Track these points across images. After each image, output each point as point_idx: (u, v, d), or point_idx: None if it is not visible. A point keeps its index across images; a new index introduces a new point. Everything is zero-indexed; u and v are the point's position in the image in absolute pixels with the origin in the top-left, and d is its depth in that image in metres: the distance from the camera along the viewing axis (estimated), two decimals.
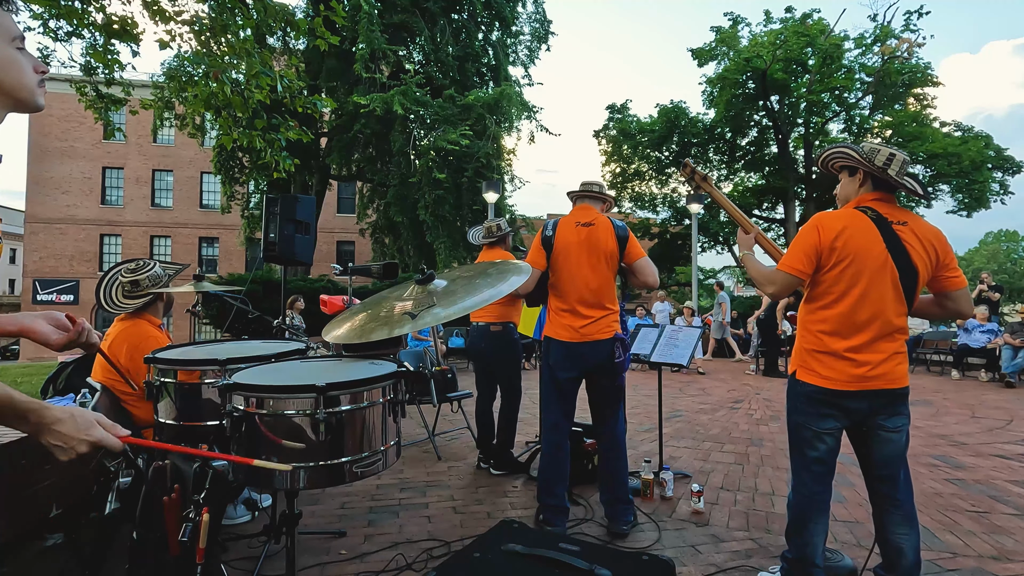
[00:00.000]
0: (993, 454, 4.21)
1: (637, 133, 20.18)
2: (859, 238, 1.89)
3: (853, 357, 1.89)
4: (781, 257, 2.09)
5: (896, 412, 1.92)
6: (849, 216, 1.94)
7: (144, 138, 22.88)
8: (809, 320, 2.01)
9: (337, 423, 1.48)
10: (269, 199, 4.10)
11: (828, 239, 1.92)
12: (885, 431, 1.93)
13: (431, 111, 13.37)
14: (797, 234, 2.03)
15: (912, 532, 1.94)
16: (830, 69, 17.29)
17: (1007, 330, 8.35)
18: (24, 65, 0.90)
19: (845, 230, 1.91)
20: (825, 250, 1.92)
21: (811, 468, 2.01)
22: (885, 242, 1.88)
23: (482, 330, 3.70)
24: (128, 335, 2.35)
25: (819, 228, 1.95)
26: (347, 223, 24.42)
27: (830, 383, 1.92)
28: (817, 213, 2.05)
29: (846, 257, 1.89)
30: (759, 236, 2.37)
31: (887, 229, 1.89)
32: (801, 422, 2.02)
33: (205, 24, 5.43)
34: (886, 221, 1.90)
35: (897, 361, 1.91)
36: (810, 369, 1.98)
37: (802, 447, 2.03)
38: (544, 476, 2.75)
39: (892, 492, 1.96)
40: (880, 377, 1.88)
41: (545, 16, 16.91)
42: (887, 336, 1.90)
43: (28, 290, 23.27)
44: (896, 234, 1.89)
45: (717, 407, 6.20)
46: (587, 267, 2.70)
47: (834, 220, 1.95)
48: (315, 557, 2.44)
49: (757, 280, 2.18)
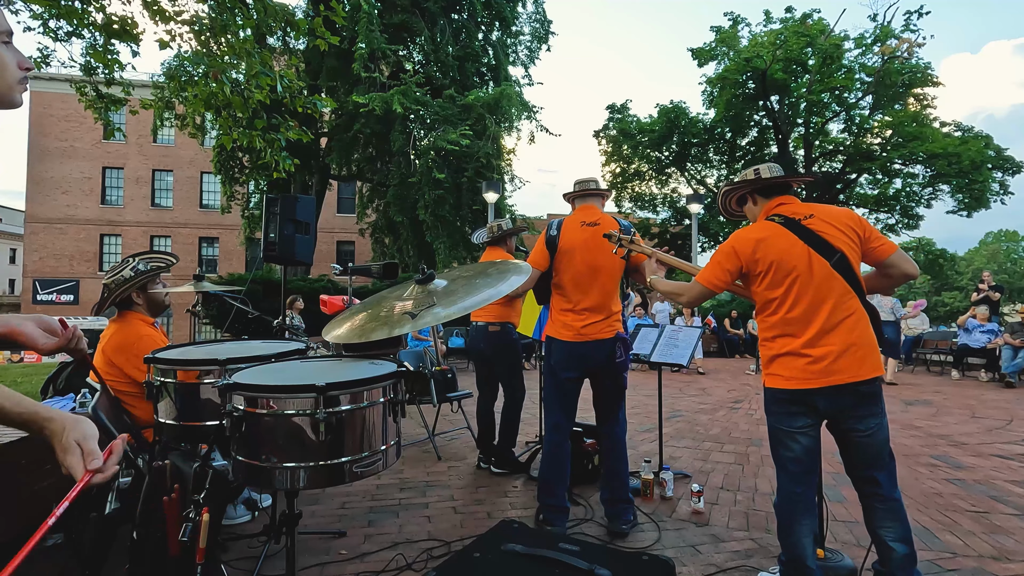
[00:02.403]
0: (993, 454, 4.21)
1: (637, 133, 20.17)
2: (776, 243, 1.98)
3: (808, 352, 1.92)
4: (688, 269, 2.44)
5: (867, 413, 1.91)
6: (761, 228, 2.06)
7: (144, 138, 22.87)
8: (762, 330, 2.09)
9: (337, 423, 1.48)
10: (269, 199, 4.10)
11: (748, 253, 2.03)
12: (858, 434, 1.92)
13: (431, 111, 13.37)
14: (717, 251, 2.15)
15: (898, 525, 1.94)
16: (830, 69, 17.29)
17: (1007, 330, 8.35)
18: (7, 61, 0.89)
19: (761, 241, 2.01)
20: (747, 263, 2.04)
21: (787, 468, 2.02)
22: (801, 239, 1.95)
23: (481, 330, 3.70)
24: (122, 334, 2.35)
25: (736, 245, 2.06)
26: (347, 223, 24.41)
27: (790, 383, 1.95)
28: (736, 231, 2.21)
29: (771, 265, 1.98)
30: (660, 256, 2.52)
31: (797, 227, 1.98)
32: (773, 423, 2.05)
33: (205, 24, 5.43)
34: (793, 220, 2.00)
35: (859, 355, 1.88)
36: (774, 374, 2.02)
37: (777, 448, 2.05)
38: (544, 476, 2.75)
39: (875, 489, 1.97)
40: (839, 371, 1.88)
41: (545, 16, 16.92)
42: (838, 326, 1.90)
43: (28, 290, 23.27)
44: (807, 228, 1.97)
45: (717, 407, 6.20)
46: (593, 267, 2.70)
47: (749, 234, 2.06)
48: (315, 557, 2.44)
49: (668, 294, 2.37)
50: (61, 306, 23.09)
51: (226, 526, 2.71)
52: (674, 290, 2.32)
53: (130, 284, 2.40)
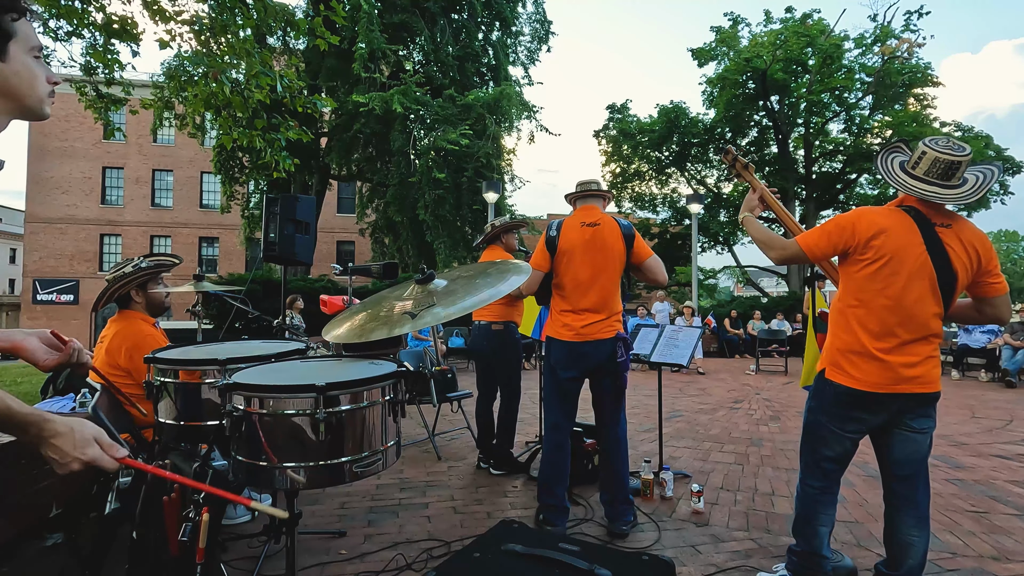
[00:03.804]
0: (993, 454, 4.21)
1: (637, 133, 20.17)
2: (899, 238, 1.85)
3: (885, 358, 1.86)
4: (791, 225, 2.18)
5: (924, 414, 1.91)
6: (892, 214, 1.90)
7: (144, 138, 22.86)
8: (842, 319, 1.97)
9: (337, 423, 1.48)
10: (269, 199, 4.11)
11: (866, 235, 1.88)
12: (911, 430, 1.91)
13: (431, 111, 13.37)
14: (836, 217, 1.99)
15: (923, 534, 1.94)
16: (830, 69, 17.29)
17: (1007, 330, 8.35)
18: (39, 75, 0.92)
19: (886, 229, 1.86)
20: (860, 244, 1.89)
21: (823, 465, 2.00)
22: (925, 243, 1.82)
23: (484, 329, 3.70)
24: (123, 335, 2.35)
25: (857, 223, 1.90)
26: (347, 223, 24.40)
27: (861, 384, 1.89)
28: (863, 207, 2.02)
29: (884, 256, 1.85)
30: (766, 195, 2.31)
31: (929, 230, 1.84)
32: (823, 421, 2.00)
33: (205, 24, 5.43)
34: (929, 222, 1.85)
35: (932, 365, 1.88)
36: (840, 369, 1.94)
37: (818, 445, 2.02)
38: (544, 476, 2.75)
39: (910, 492, 1.94)
40: (914, 380, 1.86)
41: (545, 16, 16.93)
42: (922, 339, 1.86)
43: (28, 290, 23.27)
44: (938, 236, 1.83)
45: (717, 407, 6.20)
46: (593, 267, 2.69)
47: (877, 216, 1.90)
48: (315, 557, 2.44)
49: (759, 241, 2.18)
50: (61, 306, 23.09)
51: (226, 526, 2.71)
52: (766, 239, 2.14)
53: (129, 280, 2.40)
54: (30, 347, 1.12)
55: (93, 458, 0.91)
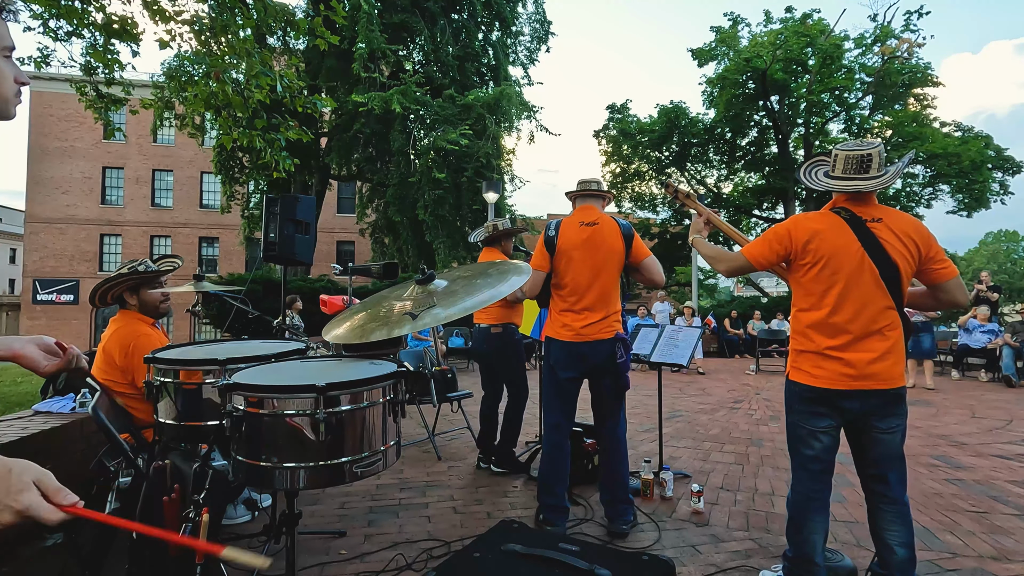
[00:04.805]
0: (993, 454, 4.21)
1: (637, 133, 20.19)
2: (833, 238, 1.93)
3: (840, 356, 1.91)
4: (737, 238, 2.34)
5: (891, 413, 1.92)
6: (823, 218, 2.00)
7: (144, 138, 22.84)
8: (796, 321, 2.06)
9: (337, 423, 1.48)
10: (269, 199, 4.10)
11: (801, 240, 1.98)
12: (878, 431, 1.93)
13: (431, 111, 13.37)
14: (775, 226, 2.09)
15: (903, 529, 1.94)
16: (830, 69, 17.30)
17: (1007, 330, 8.35)
18: (7, 75, 0.91)
19: (819, 232, 1.96)
20: (798, 250, 1.99)
21: (807, 467, 2.02)
22: (860, 240, 1.90)
23: (483, 332, 3.70)
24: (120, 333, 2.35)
25: (792, 229, 2.02)
26: (347, 223, 24.39)
27: (819, 381, 1.95)
28: (798, 214, 2.14)
29: (821, 258, 1.94)
30: (711, 216, 2.45)
31: (861, 228, 1.92)
32: (796, 421, 2.04)
33: (205, 24, 5.43)
34: (859, 220, 1.94)
35: (892, 361, 1.90)
36: (801, 369, 2.01)
37: (798, 446, 2.04)
38: (544, 476, 2.75)
39: (885, 490, 1.97)
40: (872, 377, 1.89)
41: (545, 16, 16.93)
42: (875, 334, 1.90)
43: (28, 290, 23.25)
44: (871, 231, 1.91)
45: (717, 407, 6.20)
46: (592, 267, 2.69)
47: (809, 222, 2.01)
48: (315, 557, 2.44)
49: (708, 257, 2.33)
50: (61, 306, 23.08)
51: (226, 526, 2.71)
52: (715, 255, 2.29)
53: (120, 281, 2.40)
54: (29, 355, 1.11)
55: (27, 507, 0.69)
